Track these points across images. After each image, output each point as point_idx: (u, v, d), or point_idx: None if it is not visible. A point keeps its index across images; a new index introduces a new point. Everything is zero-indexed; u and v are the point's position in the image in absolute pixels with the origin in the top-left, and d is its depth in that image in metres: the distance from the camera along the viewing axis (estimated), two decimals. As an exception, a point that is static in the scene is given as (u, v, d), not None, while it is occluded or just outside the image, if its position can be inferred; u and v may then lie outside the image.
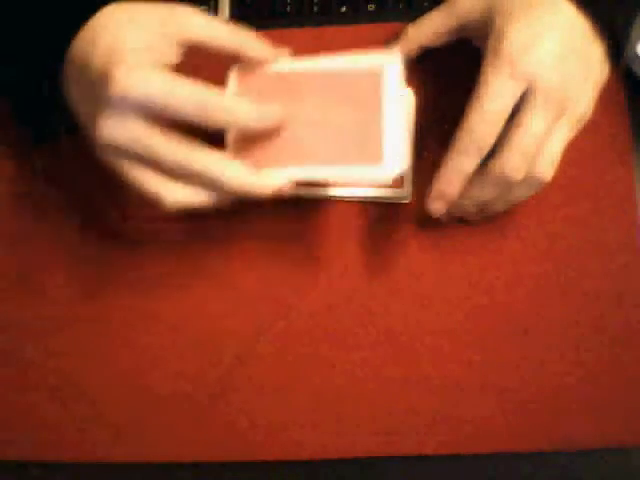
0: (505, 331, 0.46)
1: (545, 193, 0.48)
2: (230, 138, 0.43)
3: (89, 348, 0.47)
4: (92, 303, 0.48)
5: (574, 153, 0.49)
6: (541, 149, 0.42)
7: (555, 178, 0.48)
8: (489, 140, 0.41)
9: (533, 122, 0.41)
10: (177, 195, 0.41)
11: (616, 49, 0.44)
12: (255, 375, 0.46)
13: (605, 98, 0.48)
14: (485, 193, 0.43)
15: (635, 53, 0.48)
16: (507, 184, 0.42)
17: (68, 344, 0.47)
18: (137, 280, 0.48)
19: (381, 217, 0.48)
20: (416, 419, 0.45)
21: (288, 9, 0.53)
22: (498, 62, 0.41)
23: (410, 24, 0.48)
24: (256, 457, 0.45)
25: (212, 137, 0.41)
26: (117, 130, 0.39)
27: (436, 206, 0.43)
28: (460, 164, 0.42)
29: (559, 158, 0.42)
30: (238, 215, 0.48)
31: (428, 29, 0.47)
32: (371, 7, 0.51)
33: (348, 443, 0.45)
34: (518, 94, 0.41)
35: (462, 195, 0.43)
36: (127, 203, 0.48)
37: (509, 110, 0.41)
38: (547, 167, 0.42)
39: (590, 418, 0.45)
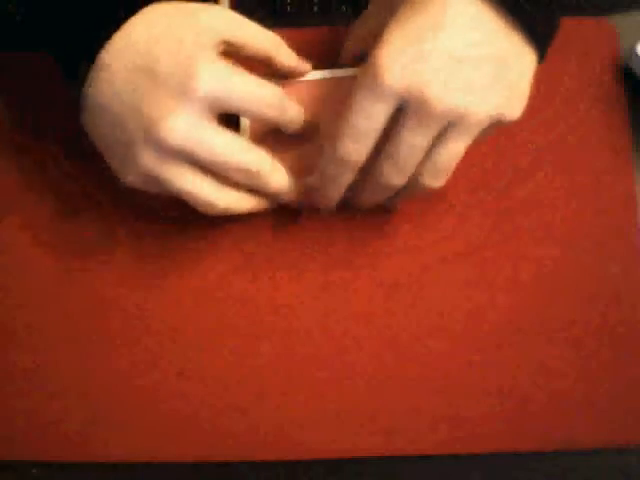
0: (505, 331, 0.46)
1: (545, 193, 0.48)
2: (248, 127, 0.43)
3: (89, 348, 0.47)
4: (92, 303, 0.48)
5: (574, 153, 0.49)
6: (426, 159, 0.40)
7: (555, 178, 0.48)
8: (357, 157, 0.40)
9: (409, 136, 0.38)
10: (229, 200, 0.41)
11: (543, 42, 0.40)
12: (255, 375, 0.46)
13: (605, 98, 0.48)
14: (374, 195, 0.43)
15: (635, 53, 0.48)
16: (389, 190, 0.41)
17: (68, 344, 0.47)
18: (136, 279, 0.48)
19: (381, 217, 0.48)
20: (416, 419, 0.45)
21: (288, 9, 0.53)
22: (365, 79, 0.38)
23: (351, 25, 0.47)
24: (256, 457, 0.45)
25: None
26: (189, 129, 0.38)
27: (323, 208, 0.45)
28: (334, 176, 0.41)
29: (450, 166, 0.40)
30: (241, 223, 0.48)
31: (352, 37, 0.47)
32: (371, 7, 0.51)
33: (348, 443, 0.45)
34: (389, 111, 0.38)
35: (358, 199, 0.44)
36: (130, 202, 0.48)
37: (379, 127, 0.39)
38: (433, 176, 0.40)
39: (590, 418, 0.45)
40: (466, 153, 0.47)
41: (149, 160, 0.39)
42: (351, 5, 0.51)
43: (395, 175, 0.40)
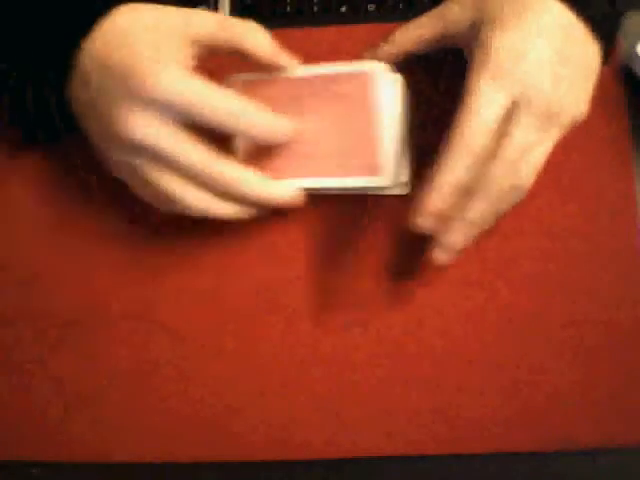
0: (505, 331, 0.46)
1: (545, 193, 0.48)
2: (240, 145, 0.43)
3: (89, 348, 0.47)
4: (92, 303, 0.48)
5: (574, 153, 0.49)
6: (525, 157, 0.41)
7: (555, 178, 0.48)
8: (480, 150, 0.40)
9: (520, 132, 0.40)
10: (201, 204, 0.42)
11: (607, 47, 0.44)
12: (255, 375, 0.46)
13: (605, 98, 0.48)
14: (475, 208, 0.40)
15: (635, 53, 0.48)
16: (495, 194, 0.41)
17: (68, 344, 0.47)
18: (136, 279, 0.48)
19: (380, 216, 0.48)
20: (416, 419, 0.45)
21: (288, 9, 0.53)
22: (485, 72, 0.40)
23: (398, 28, 0.47)
24: (256, 457, 0.45)
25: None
26: (147, 129, 0.39)
27: (424, 223, 0.41)
28: (455, 177, 0.40)
29: (542, 165, 0.42)
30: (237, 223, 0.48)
31: (414, 35, 0.46)
32: (371, 7, 0.51)
33: (348, 443, 0.45)
34: (505, 104, 0.40)
35: (452, 215, 0.40)
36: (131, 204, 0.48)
37: (498, 120, 0.40)
38: (529, 175, 0.41)
39: (590, 418, 0.45)
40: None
41: (120, 155, 0.41)
42: (351, 5, 0.51)
43: (504, 176, 0.40)
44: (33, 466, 0.46)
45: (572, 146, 0.49)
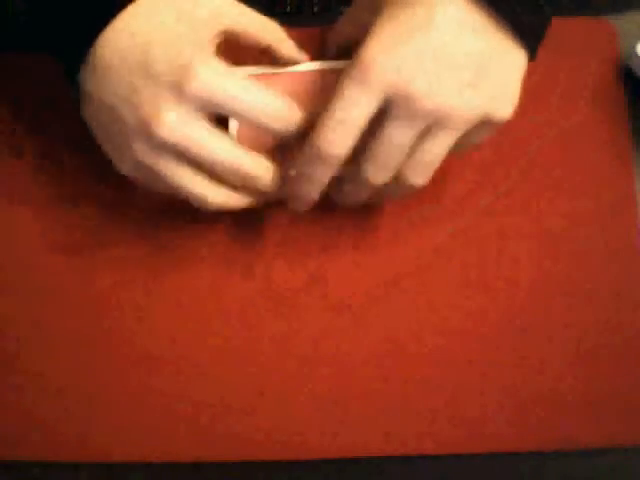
0: (505, 331, 0.46)
1: (545, 193, 0.48)
2: (235, 133, 0.43)
3: (89, 348, 0.47)
4: (92, 302, 0.48)
5: (574, 153, 0.49)
6: (411, 157, 0.40)
7: (555, 178, 0.48)
8: (339, 151, 0.39)
9: (393, 134, 0.38)
10: (221, 197, 0.41)
11: (532, 43, 0.40)
12: (255, 375, 0.46)
13: (605, 98, 0.48)
14: (359, 193, 0.42)
15: (635, 53, 0.48)
16: (372, 188, 0.41)
17: (68, 344, 0.47)
18: (135, 280, 0.48)
19: (380, 216, 0.48)
20: (416, 419, 0.45)
21: (288, 9, 0.53)
22: (353, 70, 0.38)
23: (329, 31, 0.48)
24: (256, 457, 0.45)
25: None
26: (181, 126, 0.38)
27: (297, 208, 0.43)
28: (312, 175, 0.40)
29: (433, 164, 0.40)
30: (238, 220, 0.48)
31: (336, 33, 0.47)
32: (371, 7, 0.51)
33: (348, 443, 0.45)
34: (374, 104, 0.38)
35: (340, 194, 0.43)
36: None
37: (362, 121, 0.38)
38: (417, 175, 0.40)
39: (590, 418, 0.45)
40: (466, 153, 0.47)
41: (142, 153, 0.39)
42: (351, 5, 0.51)
43: (377, 173, 0.40)
44: (33, 466, 0.46)
45: (572, 146, 0.49)
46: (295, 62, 0.44)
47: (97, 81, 0.40)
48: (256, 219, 0.48)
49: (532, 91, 0.49)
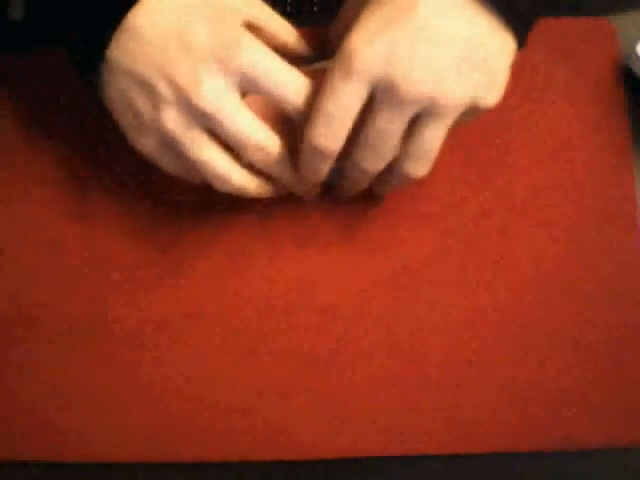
0: (505, 331, 0.46)
1: (545, 193, 0.48)
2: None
3: (89, 348, 0.47)
4: (92, 302, 0.48)
5: (574, 153, 0.49)
6: (405, 146, 0.40)
7: (555, 178, 0.48)
8: (333, 145, 0.39)
9: (382, 120, 0.39)
10: (241, 179, 0.42)
11: (521, 31, 0.40)
12: (255, 375, 0.46)
13: (605, 98, 0.48)
14: (359, 182, 0.43)
15: (635, 53, 0.48)
16: (370, 177, 0.42)
17: (68, 344, 0.47)
18: (135, 280, 0.48)
19: (380, 216, 0.48)
20: (416, 419, 0.45)
21: (288, 9, 0.53)
22: (339, 60, 0.38)
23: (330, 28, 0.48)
24: (256, 457, 0.45)
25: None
26: (220, 97, 0.39)
27: (306, 197, 0.45)
28: (311, 170, 0.41)
29: (430, 153, 0.40)
30: (239, 213, 0.48)
31: (333, 34, 0.47)
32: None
33: (348, 443, 0.45)
34: (362, 94, 0.38)
35: (340, 188, 0.45)
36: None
37: (352, 112, 0.39)
38: (413, 164, 0.41)
39: (590, 418, 0.45)
40: (465, 153, 0.47)
41: (174, 123, 0.40)
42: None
43: (371, 161, 0.40)
44: (33, 466, 0.46)
45: (572, 146, 0.49)
46: (307, 62, 0.45)
47: (126, 52, 0.40)
48: (253, 221, 0.48)
49: (532, 91, 0.49)
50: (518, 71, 0.49)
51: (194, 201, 0.48)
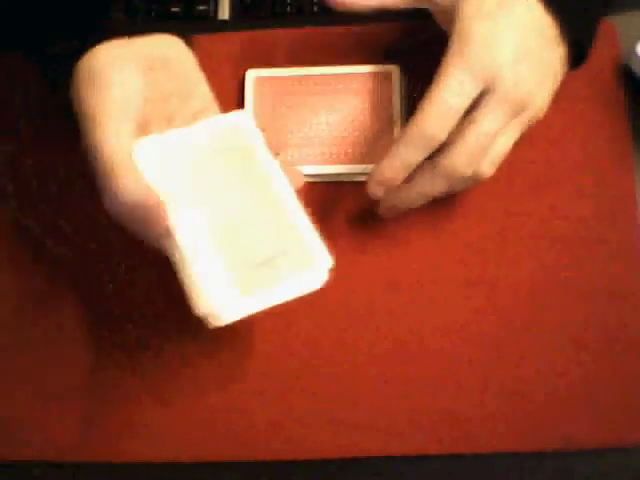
0: (505, 331, 0.46)
1: (545, 193, 0.48)
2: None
3: (89, 348, 0.47)
4: (92, 302, 0.48)
5: (574, 153, 0.49)
6: (488, 147, 0.42)
7: (555, 178, 0.48)
8: (440, 135, 0.41)
9: (487, 121, 0.41)
10: None
11: (579, 51, 0.44)
12: (255, 375, 0.46)
13: (605, 98, 0.48)
14: (435, 186, 0.43)
15: (635, 53, 0.48)
16: (456, 179, 0.42)
17: (68, 344, 0.47)
18: (135, 281, 0.48)
19: (380, 218, 0.48)
20: (417, 419, 0.45)
21: (288, 9, 0.53)
22: (460, 60, 0.41)
23: None
24: (256, 457, 0.45)
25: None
26: None
27: (375, 191, 0.44)
28: (407, 155, 0.42)
29: (504, 156, 0.43)
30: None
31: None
32: (371, 7, 0.51)
33: (348, 443, 0.45)
34: (475, 93, 0.41)
35: (411, 186, 0.44)
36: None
37: (464, 107, 0.41)
38: (489, 165, 0.43)
39: (590, 418, 0.45)
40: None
41: None
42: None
43: (465, 162, 0.42)
44: (33, 466, 0.46)
45: (572, 146, 0.49)
46: None
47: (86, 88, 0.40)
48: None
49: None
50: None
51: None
